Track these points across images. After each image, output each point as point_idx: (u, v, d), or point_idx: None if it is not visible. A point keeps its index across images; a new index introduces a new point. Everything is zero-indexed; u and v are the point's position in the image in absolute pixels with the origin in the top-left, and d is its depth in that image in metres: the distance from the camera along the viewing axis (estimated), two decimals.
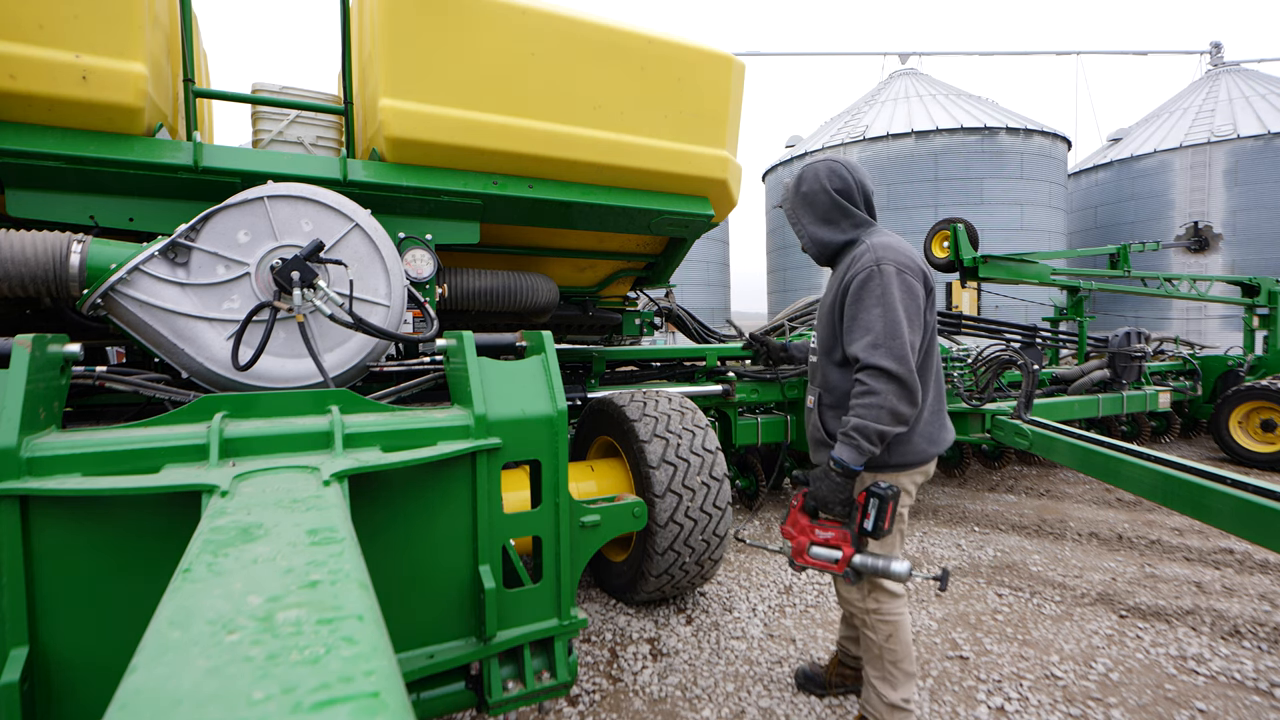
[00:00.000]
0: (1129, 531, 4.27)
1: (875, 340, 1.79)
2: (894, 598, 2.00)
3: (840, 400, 1.99)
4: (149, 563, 1.35)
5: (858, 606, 2.04)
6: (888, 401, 1.76)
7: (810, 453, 2.19)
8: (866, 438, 1.78)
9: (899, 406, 1.77)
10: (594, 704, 2.38)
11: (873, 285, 1.83)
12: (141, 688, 0.53)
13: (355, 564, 0.81)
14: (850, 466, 1.80)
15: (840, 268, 2.01)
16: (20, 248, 1.87)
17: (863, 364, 1.80)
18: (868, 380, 1.79)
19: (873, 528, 1.81)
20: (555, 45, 2.50)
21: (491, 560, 1.73)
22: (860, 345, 1.82)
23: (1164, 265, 16.46)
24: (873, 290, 1.83)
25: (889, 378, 1.76)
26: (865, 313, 1.83)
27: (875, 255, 1.87)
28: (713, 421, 4.26)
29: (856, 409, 1.80)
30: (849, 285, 1.90)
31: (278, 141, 2.79)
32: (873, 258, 1.87)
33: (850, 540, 1.85)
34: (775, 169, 20.44)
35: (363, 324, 2.00)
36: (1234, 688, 2.45)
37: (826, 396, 2.05)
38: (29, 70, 1.83)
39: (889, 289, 1.81)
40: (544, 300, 3.01)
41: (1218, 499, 2.79)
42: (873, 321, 1.81)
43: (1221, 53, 20.25)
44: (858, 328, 1.85)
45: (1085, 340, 6.60)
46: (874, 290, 1.82)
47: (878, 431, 1.77)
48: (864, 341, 1.81)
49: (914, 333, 1.81)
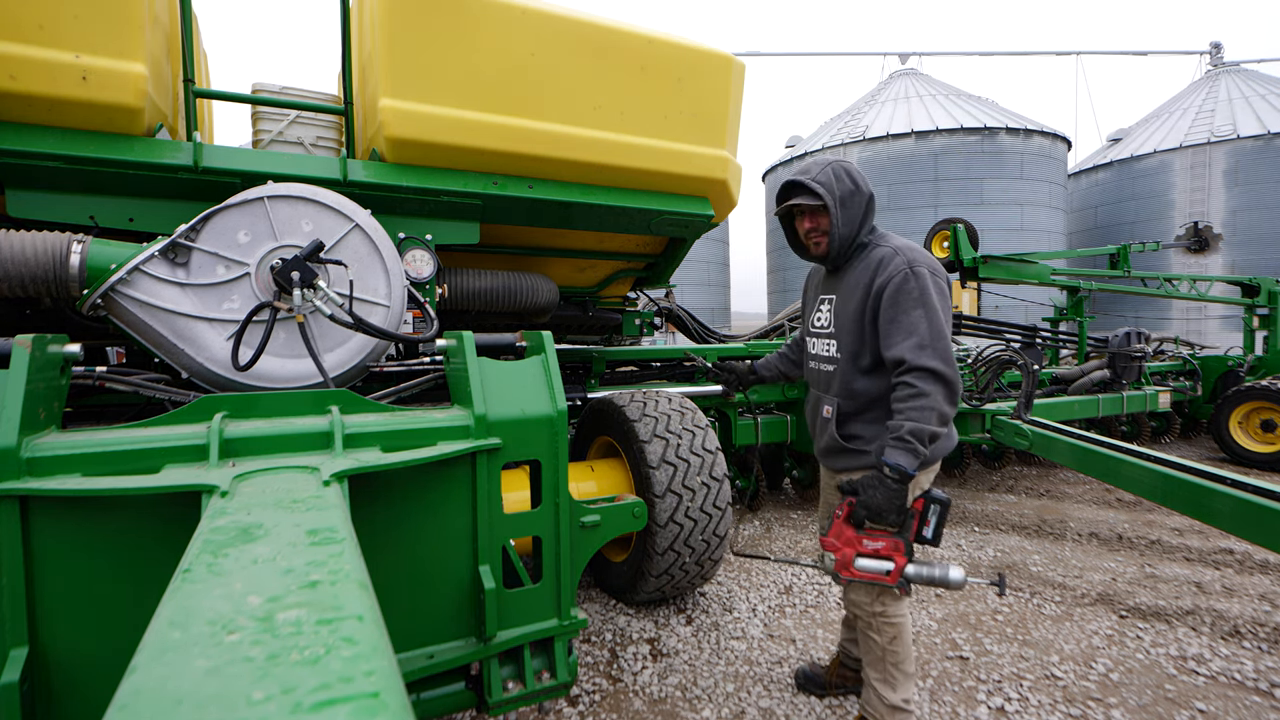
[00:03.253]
0: (1129, 532, 4.27)
1: (921, 341, 1.77)
2: (899, 601, 1.99)
3: (866, 407, 1.95)
4: (149, 563, 1.35)
5: (865, 610, 2.01)
6: (937, 403, 1.75)
7: (824, 461, 2.15)
8: (920, 440, 1.73)
9: (945, 408, 1.76)
10: (594, 704, 2.38)
11: (910, 288, 1.81)
12: (141, 688, 0.53)
13: (355, 564, 0.81)
14: (908, 471, 1.74)
15: (856, 271, 1.97)
16: (20, 248, 1.87)
17: (909, 365, 1.77)
18: (916, 382, 1.76)
19: (933, 535, 1.77)
20: (555, 45, 2.50)
21: (491, 560, 1.73)
22: (905, 347, 1.79)
23: (1164, 265, 16.45)
24: (911, 293, 1.81)
25: (937, 379, 1.75)
26: (905, 315, 1.81)
27: (906, 258, 1.85)
28: (713, 422, 4.26)
29: (907, 412, 1.76)
30: (882, 289, 1.86)
31: (278, 142, 2.79)
32: (904, 260, 1.85)
33: (904, 550, 1.79)
34: (775, 169, 20.44)
35: (363, 324, 2.00)
36: (1234, 688, 2.45)
37: (848, 404, 2.00)
38: (29, 70, 1.83)
39: (927, 291, 1.81)
40: (544, 300, 3.00)
41: (1218, 499, 2.79)
42: (916, 323, 1.79)
43: (1221, 53, 20.25)
44: (898, 330, 1.82)
45: (1085, 340, 6.60)
46: (912, 293, 1.81)
47: (930, 433, 1.74)
48: (909, 343, 1.78)
49: (949, 335, 1.82)
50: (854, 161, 15.84)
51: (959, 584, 1.74)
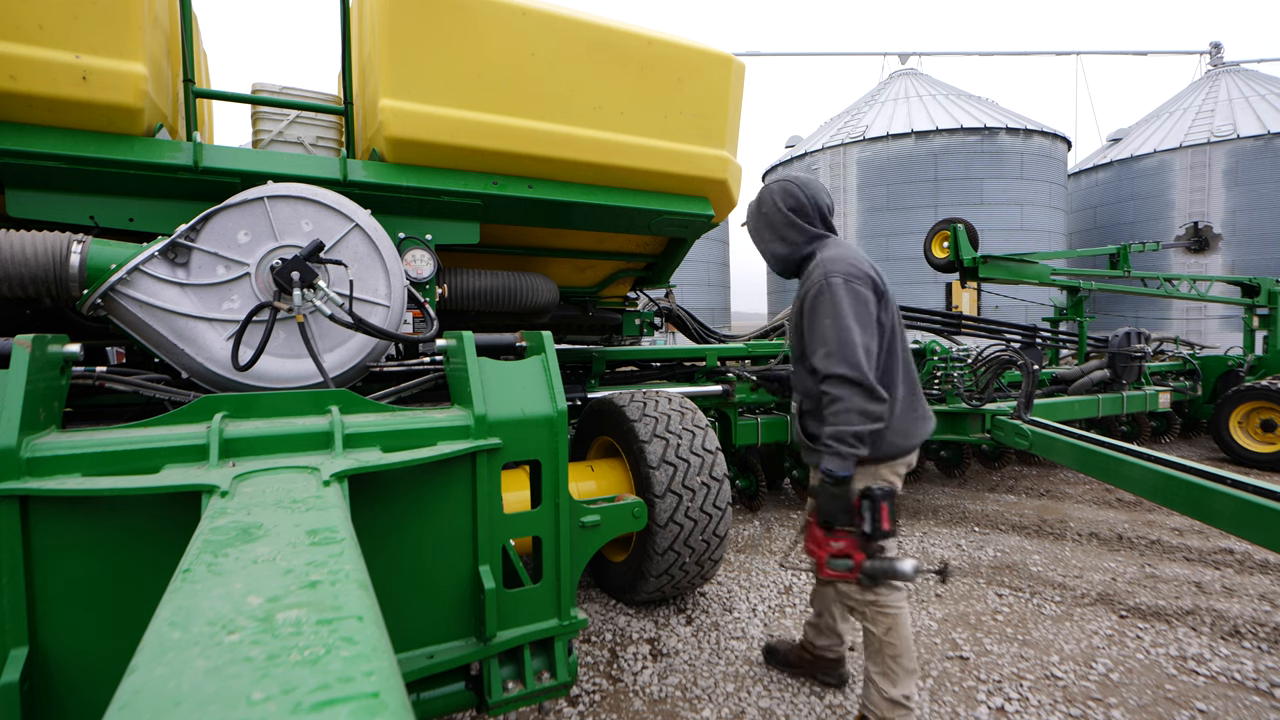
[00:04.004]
0: (1129, 531, 4.27)
1: (829, 350, 1.89)
2: (892, 590, 2.03)
3: (816, 405, 2.04)
4: (149, 563, 1.35)
5: (856, 599, 2.06)
6: (853, 404, 1.84)
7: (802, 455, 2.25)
8: (844, 442, 1.84)
9: (866, 405, 1.85)
10: (594, 704, 2.38)
11: (823, 299, 1.93)
12: (141, 688, 0.53)
13: (355, 564, 0.81)
14: (838, 474, 1.85)
15: (801, 282, 2.12)
16: (20, 248, 1.87)
17: (822, 374, 1.90)
18: (829, 389, 1.88)
19: (872, 529, 1.85)
20: (555, 45, 2.50)
21: (491, 560, 1.73)
22: (818, 358, 1.92)
23: (1164, 265, 16.45)
24: (824, 303, 1.93)
25: (846, 383, 1.85)
26: (818, 324, 1.93)
27: (824, 270, 1.97)
28: (713, 422, 4.25)
29: (829, 419, 1.88)
30: (804, 300, 2.02)
31: (278, 142, 2.79)
32: (821, 273, 1.97)
33: (859, 547, 1.88)
34: (775, 169, 20.43)
35: (363, 324, 2.00)
36: (1234, 688, 2.45)
37: (806, 402, 2.12)
38: (29, 70, 1.83)
39: (838, 300, 1.91)
40: (544, 300, 3.00)
41: (1218, 499, 2.79)
42: (825, 332, 1.91)
43: (1221, 53, 20.25)
44: (814, 340, 1.96)
45: (1085, 340, 6.60)
46: (825, 303, 1.93)
47: (854, 433, 1.84)
48: (820, 354, 1.91)
49: (868, 337, 1.89)
50: (854, 161, 15.75)
51: (910, 575, 1.81)
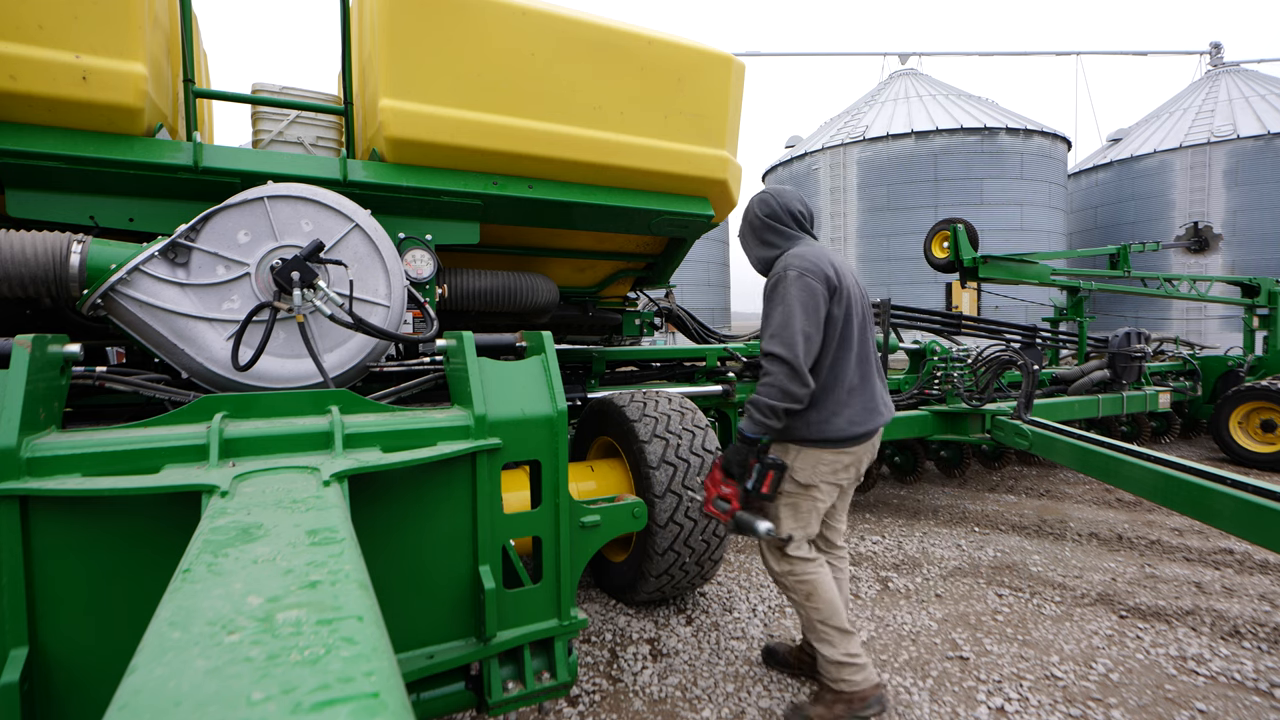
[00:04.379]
0: (1129, 532, 4.27)
1: (772, 332, 2.08)
2: (806, 561, 2.20)
3: None
4: (149, 563, 1.35)
5: (773, 570, 2.25)
6: (779, 381, 2.04)
7: None
8: (760, 410, 2.06)
9: (789, 386, 2.03)
10: (594, 704, 2.38)
11: (779, 289, 2.11)
12: (141, 688, 0.53)
13: (355, 564, 0.81)
14: (746, 434, 2.10)
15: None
16: (20, 248, 1.87)
17: (762, 352, 2.11)
18: (764, 364, 2.09)
19: (752, 487, 2.12)
20: (555, 45, 2.50)
21: (491, 560, 1.73)
22: (764, 339, 2.13)
23: (1164, 265, 16.46)
24: (777, 293, 2.11)
25: (779, 361, 2.04)
26: (771, 311, 2.13)
27: (784, 263, 2.14)
28: (713, 422, 4.26)
29: (758, 388, 2.09)
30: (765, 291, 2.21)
31: (278, 142, 2.79)
32: (781, 265, 2.15)
33: (739, 498, 2.16)
34: (775, 169, 20.44)
35: (363, 324, 2.00)
36: (1234, 688, 2.45)
37: None
38: (29, 70, 1.83)
39: (788, 290, 2.08)
40: (544, 300, 3.00)
41: (1218, 499, 2.79)
42: (773, 317, 2.10)
43: (1221, 53, 20.26)
44: (765, 325, 2.15)
45: (1085, 340, 6.60)
46: (778, 293, 2.11)
47: (768, 406, 2.04)
48: (765, 335, 2.12)
49: (810, 324, 2.06)
50: (854, 161, 15.83)
51: (762, 534, 2.08)
